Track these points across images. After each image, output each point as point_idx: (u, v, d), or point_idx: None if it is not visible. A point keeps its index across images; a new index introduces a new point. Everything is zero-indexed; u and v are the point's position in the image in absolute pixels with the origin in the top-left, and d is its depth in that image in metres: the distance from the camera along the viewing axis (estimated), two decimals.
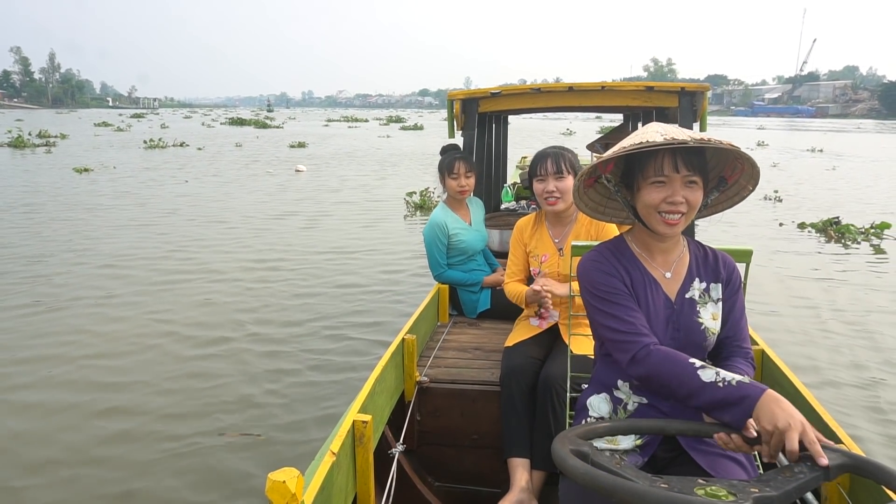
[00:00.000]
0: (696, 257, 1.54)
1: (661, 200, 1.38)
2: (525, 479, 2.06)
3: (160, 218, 9.45)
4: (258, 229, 8.70)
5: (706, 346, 1.49)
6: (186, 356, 4.28)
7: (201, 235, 8.23)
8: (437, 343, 2.82)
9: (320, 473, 1.44)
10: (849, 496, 1.61)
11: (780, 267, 6.78)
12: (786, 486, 1.01)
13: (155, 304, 5.36)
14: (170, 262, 6.83)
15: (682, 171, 1.35)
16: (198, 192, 12.39)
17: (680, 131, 1.34)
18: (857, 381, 3.96)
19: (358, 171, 16.65)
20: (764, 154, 24.62)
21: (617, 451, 1.46)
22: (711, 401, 1.24)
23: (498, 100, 3.46)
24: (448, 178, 3.17)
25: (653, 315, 1.46)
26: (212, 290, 5.76)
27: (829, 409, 1.87)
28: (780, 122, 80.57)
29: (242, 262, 6.84)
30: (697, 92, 3.19)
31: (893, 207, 11.03)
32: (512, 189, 5.56)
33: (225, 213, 9.92)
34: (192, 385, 3.84)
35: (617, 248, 1.54)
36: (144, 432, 3.30)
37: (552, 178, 2.46)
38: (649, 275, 1.50)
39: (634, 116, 5.36)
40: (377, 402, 1.95)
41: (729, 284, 1.52)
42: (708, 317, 1.49)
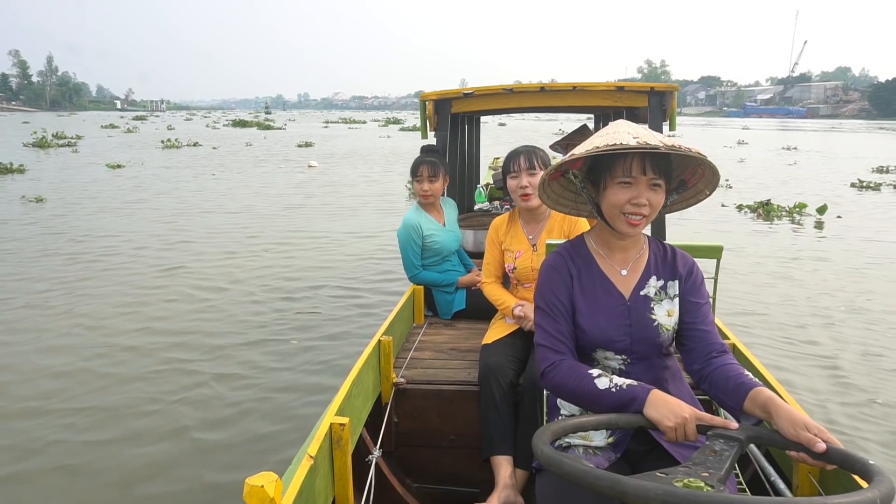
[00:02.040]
0: (655, 255, 1.58)
1: (625, 201, 1.41)
2: (509, 475, 2.06)
3: (211, 205, 11.19)
4: (304, 213, 10.46)
5: (660, 341, 1.52)
6: (283, 288, 6.05)
7: (260, 216, 10.00)
8: (413, 344, 2.82)
9: (298, 477, 1.44)
10: (819, 484, 1.65)
11: (715, 237, 8.55)
12: (724, 464, 1.10)
13: (275, 257, 7.14)
14: (247, 238, 8.60)
15: (648, 173, 1.39)
16: (228, 185, 14.14)
17: (651, 135, 1.37)
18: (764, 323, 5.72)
19: (367, 167, 18.40)
20: (739, 151, 26.41)
21: (590, 446, 1.50)
22: (609, 405, 1.34)
23: (470, 100, 3.50)
24: (413, 180, 3.22)
25: (604, 312, 1.51)
26: (297, 252, 7.55)
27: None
28: (768, 123, 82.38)
29: (302, 234, 8.61)
30: (667, 92, 3.28)
31: (824, 192, 12.84)
32: (485, 190, 5.70)
33: (267, 201, 11.68)
34: (277, 307, 5.60)
35: (574, 248, 1.59)
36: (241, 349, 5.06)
37: (525, 174, 2.51)
38: (602, 273, 1.55)
39: (605, 117, 5.44)
40: (354, 404, 1.94)
41: (688, 281, 1.56)
42: (662, 313, 1.52)
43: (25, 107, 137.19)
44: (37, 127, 36.68)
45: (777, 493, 1.72)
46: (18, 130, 38.77)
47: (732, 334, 2.49)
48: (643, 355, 1.52)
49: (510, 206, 4.41)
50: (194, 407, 3.62)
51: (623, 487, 0.95)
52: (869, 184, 14.14)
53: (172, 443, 3.24)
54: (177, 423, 3.43)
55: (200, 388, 3.85)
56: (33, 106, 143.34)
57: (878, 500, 0.94)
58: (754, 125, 69.04)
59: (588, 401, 1.40)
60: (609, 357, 1.53)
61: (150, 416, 3.51)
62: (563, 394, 1.46)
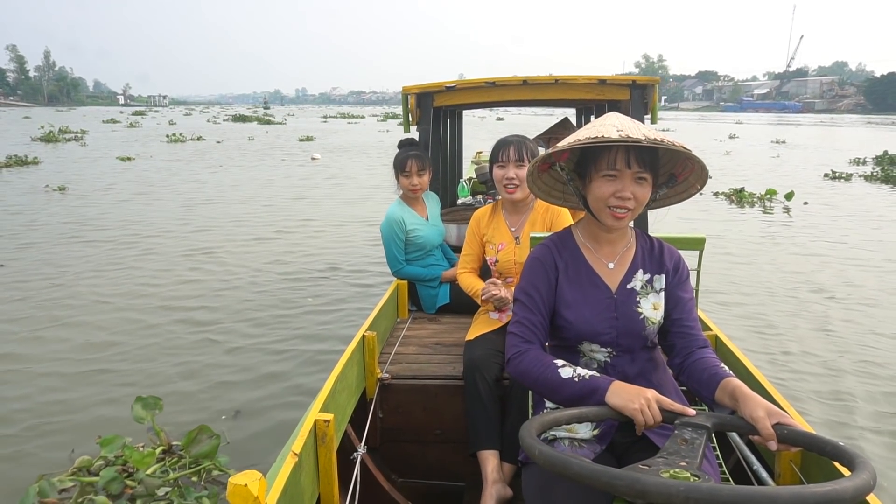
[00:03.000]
0: (642, 249, 1.59)
1: (610, 194, 1.42)
2: (497, 470, 2.07)
3: (224, 195, 11.96)
4: (311, 202, 11.23)
5: (646, 334, 1.53)
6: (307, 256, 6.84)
7: (269, 204, 10.77)
8: (398, 339, 2.81)
9: (283, 475, 1.43)
10: (800, 472, 1.66)
11: (690, 221, 9.34)
12: (697, 451, 1.12)
13: (285, 240, 7.93)
14: (261, 222, 9.37)
15: (633, 167, 1.40)
16: (238, 176, 14.89)
17: (636, 128, 1.38)
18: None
19: (368, 160, 19.16)
20: (728, 145, 27.21)
21: (576, 439, 1.51)
22: (571, 394, 1.38)
23: (453, 94, 3.49)
24: (400, 175, 3.18)
25: (591, 305, 1.52)
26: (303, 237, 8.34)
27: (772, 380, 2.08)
28: (762, 118, 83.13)
29: (308, 222, 9.39)
30: (648, 85, 3.28)
31: (799, 182, 13.64)
32: (468, 184, 5.71)
33: (278, 191, 12.44)
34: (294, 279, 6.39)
35: (561, 241, 1.59)
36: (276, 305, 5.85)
37: (513, 166, 2.48)
38: (589, 266, 1.55)
39: (587, 110, 5.49)
40: (338, 400, 1.94)
41: (675, 275, 1.57)
42: (648, 307, 1.53)
43: (23, 102, 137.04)
44: (41, 122, 37.30)
45: (759, 482, 1.74)
46: (22, 125, 39.40)
47: (714, 325, 2.50)
48: (628, 348, 1.54)
49: (493, 199, 4.47)
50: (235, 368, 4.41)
51: (643, 486, 0.94)
52: (841, 174, 14.98)
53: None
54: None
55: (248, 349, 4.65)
56: (30, 101, 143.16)
57: (871, 482, 0.96)
58: (749, 120, 69.77)
59: (550, 389, 1.42)
60: (595, 349, 1.55)
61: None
62: (527, 381, 1.48)
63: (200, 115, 71.58)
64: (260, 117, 54.11)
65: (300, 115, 79.60)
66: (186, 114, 76.97)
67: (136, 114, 68.82)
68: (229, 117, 56.20)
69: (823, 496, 0.90)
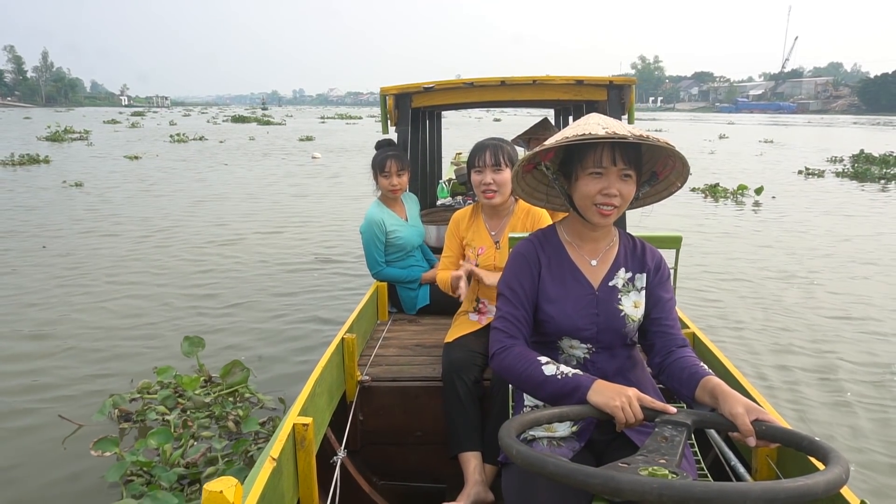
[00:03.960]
0: (625, 248, 1.62)
1: (597, 191, 1.44)
2: (479, 472, 2.07)
3: (232, 191, 12.70)
4: (315, 198, 11.98)
5: (626, 332, 1.55)
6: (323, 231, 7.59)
7: (275, 199, 11.52)
8: (378, 341, 2.81)
9: (260, 481, 1.40)
10: (777, 467, 1.69)
11: (668, 214, 10.11)
12: (677, 449, 1.13)
13: (295, 234, 8.68)
14: (271, 215, 10.12)
15: (619, 164, 1.41)
16: (243, 174, 15.64)
17: (621, 126, 1.40)
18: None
19: (366, 160, 19.77)
20: (716, 144, 27.96)
21: (554, 437, 1.51)
22: (553, 391, 1.39)
23: (431, 94, 3.47)
24: (380, 176, 3.16)
25: (572, 301, 1.54)
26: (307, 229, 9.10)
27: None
28: (754, 118, 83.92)
29: (320, 213, 10.14)
30: (625, 86, 3.31)
31: (774, 178, 14.45)
32: (447, 185, 5.67)
33: (283, 188, 13.19)
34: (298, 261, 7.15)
35: (545, 237, 1.62)
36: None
37: (490, 171, 2.45)
38: (572, 262, 1.58)
39: (565, 111, 5.52)
40: (318, 403, 1.92)
41: (656, 275, 1.60)
42: (629, 304, 1.55)
43: (20, 102, 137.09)
44: (42, 122, 38.00)
45: (737, 478, 1.76)
46: (23, 125, 40.07)
47: (692, 323, 2.53)
48: (608, 344, 1.56)
49: (473, 201, 4.16)
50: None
51: (617, 484, 0.94)
52: (814, 171, 15.82)
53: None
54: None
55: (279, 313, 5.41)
56: (28, 102, 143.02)
57: (843, 476, 0.97)
58: (741, 120, 70.59)
59: (533, 386, 1.43)
60: (574, 345, 1.57)
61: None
62: (510, 377, 1.49)
63: (199, 115, 72.15)
64: (259, 118, 54.81)
65: (298, 115, 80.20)
66: (185, 114, 77.53)
67: (136, 114, 69.33)
68: (228, 118, 56.84)
69: (795, 491, 0.91)
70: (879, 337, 4.73)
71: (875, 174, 15.10)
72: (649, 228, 7.36)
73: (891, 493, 2.87)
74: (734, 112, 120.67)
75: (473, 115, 60.87)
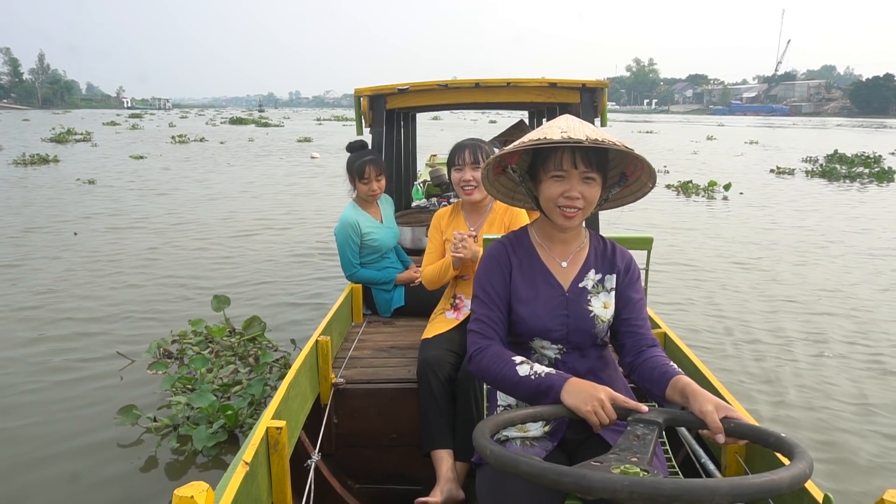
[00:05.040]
0: (595, 249, 1.64)
1: (559, 194, 1.46)
2: (450, 469, 2.10)
3: (236, 188, 13.51)
4: (319, 196, 12.80)
5: (595, 332, 1.57)
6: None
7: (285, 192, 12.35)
8: (353, 343, 2.80)
9: (233, 485, 1.39)
10: (745, 463, 1.73)
11: (641, 208, 10.99)
12: (648, 447, 1.15)
13: (295, 233, 9.51)
14: (277, 213, 10.94)
15: (579, 167, 1.43)
16: (246, 172, 16.46)
17: (580, 129, 1.40)
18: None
19: None
20: (701, 145, 28.87)
21: (527, 437, 1.54)
22: (528, 391, 1.40)
23: (405, 96, 3.48)
24: (359, 182, 3.16)
25: (543, 302, 1.56)
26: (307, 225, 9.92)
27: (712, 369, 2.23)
28: (746, 120, 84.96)
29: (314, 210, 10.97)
30: (597, 88, 3.38)
31: (748, 176, 15.38)
32: (422, 186, 5.72)
33: (286, 185, 14.03)
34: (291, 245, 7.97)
35: (517, 239, 1.65)
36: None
37: (469, 168, 2.54)
38: (543, 264, 1.60)
39: (539, 113, 5.60)
40: (291, 407, 1.92)
41: (626, 276, 1.62)
42: (599, 305, 1.58)
43: (17, 104, 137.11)
44: (40, 124, 38.87)
45: (707, 475, 1.79)
46: (24, 127, 40.78)
47: (663, 323, 2.55)
48: (578, 345, 1.58)
49: (447, 202, 4.49)
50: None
51: (589, 482, 0.96)
52: (786, 170, 16.76)
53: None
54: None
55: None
56: (24, 104, 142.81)
57: (807, 471, 1.00)
58: (733, 122, 71.63)
59: (508, 387, 1.45)
60: (545, 346, 1.59)
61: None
62: (487, 378, 1.51)
63: (196, 117, 72.92)
64: (257, 120, 55.65)
65: (295, 117, 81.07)
66: (182, 116, 78.20)
67: (133, 116, 69.87)
68: (226, 120, 57.63)
69: (761, 486, 0.94)
70: (813, 313, 5.47)
71: (841, 173, 16.05)
72: (623, 226, 8.08)
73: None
74: (727, 114, 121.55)
75: (469, 116, 61.67)
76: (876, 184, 14.72)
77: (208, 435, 3.07)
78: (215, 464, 3.06)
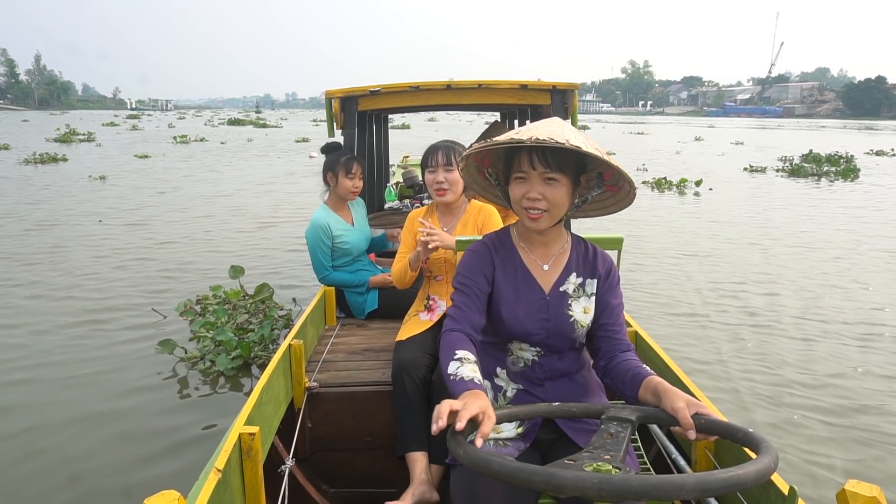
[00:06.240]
0: (577, 252, 1.63)
1: (522, 195, 1.47)
2: (424, 471, 2.11)
3: (242, 186, 14.38)
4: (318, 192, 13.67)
5: (575, 337, 1.58)
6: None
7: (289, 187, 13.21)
8: (326, 347, 2.79)
9: (205, 494, 1.37)
10: (715, 458, 1.77)
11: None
12: (621, 444, 1.17)
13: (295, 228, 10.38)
14: (277, 209, 11.80)
15: (538, 168, 1.43)
16: (249, 170, 17.33)
17: (536, 130, 1.39)
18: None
19: None
20: (688, 146, 29.74)
21: (501, 438, 1.55)
22: (450, 389, 1.37)
23: (377, 98, 3.46)
24: (344, 177, 3.14)
25: (523, 304, 1.56)
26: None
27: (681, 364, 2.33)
28: (737, 122, 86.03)
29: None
30: (568, 90, 3.39)
31: (722, 174, 16.28)
32: (395, 188, 5.67)
33: (289, 181, 14.87)
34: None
35: (499, 240, 1.64)
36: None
37: (442, 170, 2.57)
38: (524, 267, 1.60)
39: (511, 115, 5.63)
40: (264, 412, 1.91)
41: (606, 281, 1.62)
42: (579, 310, 1.58)
43: (13, 105, 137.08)
44: (42, 125, 39.75)
45: (678, 470, 1.85)
46: (24, 128, 41.62)
47: (634, 322, 2.57)
48: (556, 348, 1.60)
49: (420, 203, 4.57)
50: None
51: (559, 481, 0.97)
52: (758, 167, 17.74)
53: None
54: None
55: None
56: (21, 105, 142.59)
57: (772, 465, 1.02)
58: (725, 124, 72.58)
59: (444, 377, 1.44)
60: (524, 348, 1.61)
61: None
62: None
63: (193, 118, 73.61)
64: (255, 121, 56.52)
65: (292, 118, 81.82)
66: (180, 117, 78.90)
67: (132, 117, 70.60)
68: (224, 121, 58.40)
69: (727, 480, 0.96)
70: (758, 294, 6.33)
71: (809, 171, 17.00)
72: (596, 229, 8.94)
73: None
74: (722, 116, 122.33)
75: (465, 118, 62.51)
76: (841, 181, 15.64)
77: (228, 360, 4.06)
78: (233, 384, 3.97)
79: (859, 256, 7.57)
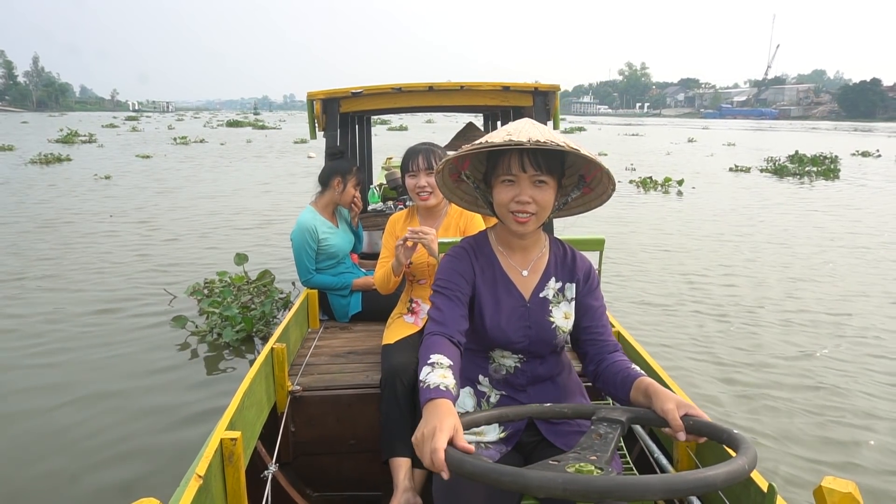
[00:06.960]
0: (555, 256, 1.61)
1: (510, 199, 1.43)
2: (408, 478, 2.10)
3: (247, 184, 14.87)
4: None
5: (556, 343, 1.58)
6: None
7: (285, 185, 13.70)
8: (309, 350, 2.77)
9: (185, 500, 1.35)
10: (696, 457, 1.78)
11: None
12: (609, 445, 1.17)
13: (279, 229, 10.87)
14: (272, 210, 12.30)
15: (528, 170, 1.40)
16: (250, 171, 17.83)
17: (527, 131, 1.37)
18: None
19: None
20: (680, 147, 30.26)
21: (483, 441, 1.55)
22: (421, 396, 1.33)
23: (359, 100, 3.45)
24: (353, 187, 3.20)
25: (504, 312, 1.55)
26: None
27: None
28: (731, 123, 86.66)
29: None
30: (550, 92, 3.40)
31: (707, 174, 16.80)
32: (378, 190, 5.73)
33: (289, 181, 15.34)
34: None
35: (477, 245, 1.61)
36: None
37: (423, 174, 2.54)
38: (504, 273, 1.57)
39: (493, 116, 5.64)
40: (247, 416, 1.89)
41: (585, 284, 1.60)
42: (560, 316, 1.57)
43: (11, 107, 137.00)
44: (41, 126, 40.29)
45: (661, 469, 1.86)
46: (24, 129, 42.07)
47: (617, 322, 2.55)
48: (538, 354, 1.59)
49: (404, 205, 4.52)
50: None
51: (526, 480, 0.97)
52: (742, 167, 18.28)
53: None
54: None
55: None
56: (19, 106, 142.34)
57: (746, 467, 1.02)
58: (720, 126, 73.10)
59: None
60: (506, 356, 1.60)
61: None
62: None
63: (192, 120, 74.02)
64: (253, 122, 56.98)
65: (291, 120, 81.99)
66: (179, 119, 79.29)
67: (130, 119, 70.92)
68: (223, 122, 58.84)
69: (694, 482, 0.95)
70: (720, 285, 6.89)
71: (791, 170, 17.56)
72: (577, 227, 9.23)
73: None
74: (718, 118, 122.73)
75: (461, 119, 62.86)
76: (823, 180, 16.18)
77: (234, 332, 4.62)
78: (236, 353, 4.51)
79: (826, 253, 8.06)
